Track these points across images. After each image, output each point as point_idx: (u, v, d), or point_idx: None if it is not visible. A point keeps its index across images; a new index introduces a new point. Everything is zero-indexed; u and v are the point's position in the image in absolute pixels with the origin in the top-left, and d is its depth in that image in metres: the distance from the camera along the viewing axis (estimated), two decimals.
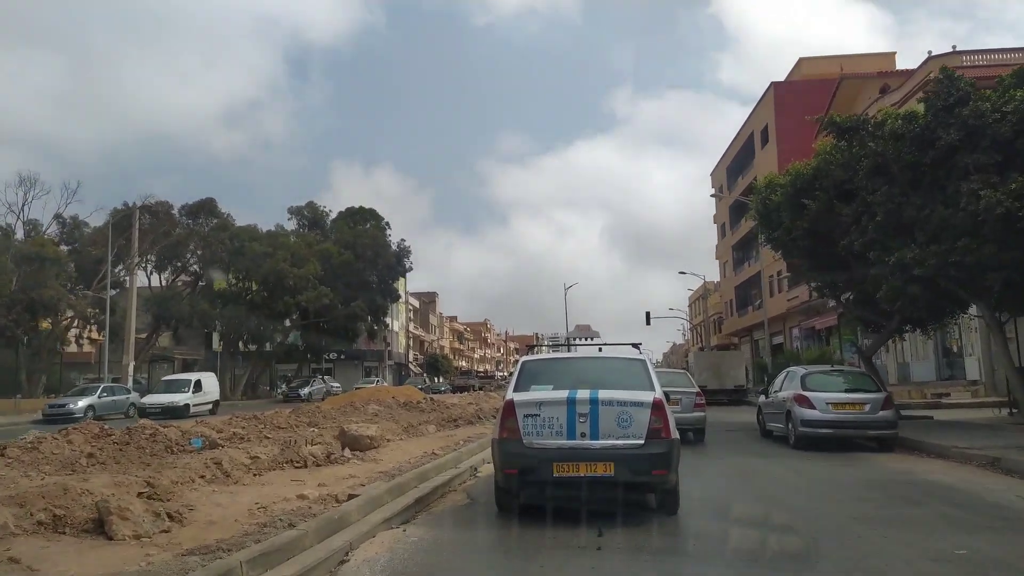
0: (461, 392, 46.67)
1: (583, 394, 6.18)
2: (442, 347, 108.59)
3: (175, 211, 47.01)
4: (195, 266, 46.00)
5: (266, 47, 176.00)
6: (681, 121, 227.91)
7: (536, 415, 6.17)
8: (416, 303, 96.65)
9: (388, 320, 54.90)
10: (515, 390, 6.65)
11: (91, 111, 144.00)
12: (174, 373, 40.22)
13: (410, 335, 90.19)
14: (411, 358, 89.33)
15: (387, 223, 56.28)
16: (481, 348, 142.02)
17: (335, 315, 49.81)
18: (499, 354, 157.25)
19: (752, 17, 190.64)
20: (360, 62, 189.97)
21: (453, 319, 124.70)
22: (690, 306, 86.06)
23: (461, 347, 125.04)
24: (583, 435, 6.07)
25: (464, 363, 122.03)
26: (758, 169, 55.19)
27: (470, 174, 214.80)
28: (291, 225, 54.41)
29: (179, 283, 47.15)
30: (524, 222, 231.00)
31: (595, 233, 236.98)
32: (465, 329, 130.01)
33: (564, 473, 5.95)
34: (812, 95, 46.68)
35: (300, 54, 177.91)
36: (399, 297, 55.72)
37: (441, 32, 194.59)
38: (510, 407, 6.30)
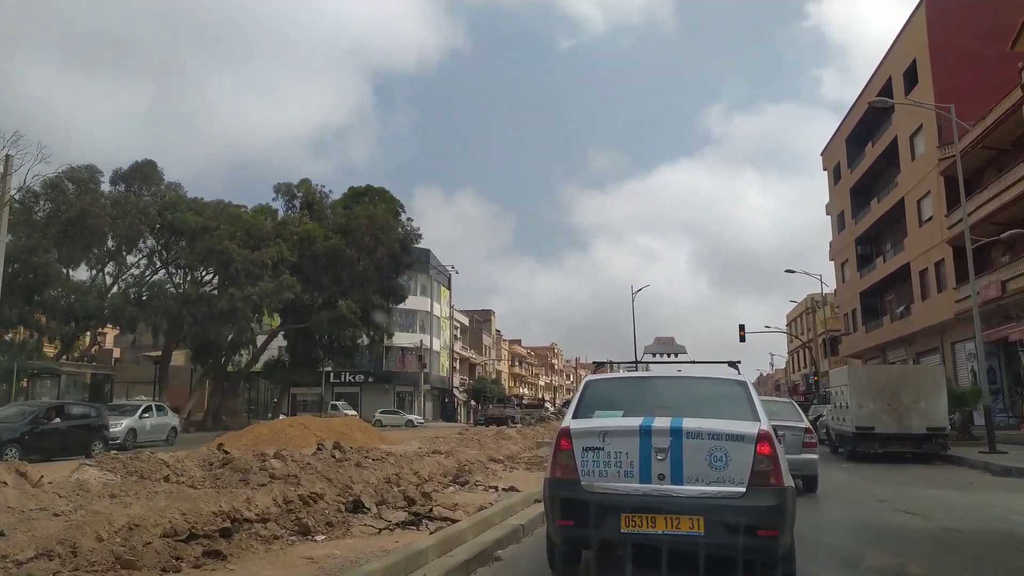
0: (496, 425, 37.70)
1: (662, 422, 4.74)
2: (498, 371, 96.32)
3: (104, 179, 33.94)
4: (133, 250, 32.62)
5: (355, 74, 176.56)
6: (779, 138, 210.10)
7: (599, 448, 4.76)
8: (465, 320, 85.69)
9: (387, 325, 40.87)
10: (574, 416, 5.24)
11: (179, 135, 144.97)
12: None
13: (455, 356, 77.68)
14: (456, 382, 76.30)
15: (401, 206, 42.73)
16: (547, 374, 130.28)
17: (315, 318, 36.15)
18: (568, 381, 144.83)
19: (856, 29, 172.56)
20: (444, 88, 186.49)
21: (515, 342, 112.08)
22: (788, 325, 68.66)
23: (522, 372, 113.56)
24: (661, 477, 4.64)
25: (526, 390, 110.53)
26: (899, 125, 38.55)
27: (552, 199, 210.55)
28: (278, 208, 40.94)
29: (105, 272, 33.71)
30: (606, 248, 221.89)
31: (681, 258, 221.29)
32: (528, 353, 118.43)
33: (635, 528, 4.54)
34: (979, 11, 32.77)
35: (386, 80, 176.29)
36: (404, 296, 43.00)
37: (526, 56, 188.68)
38: (565, 437, 4.90)
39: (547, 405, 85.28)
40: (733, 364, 6.26)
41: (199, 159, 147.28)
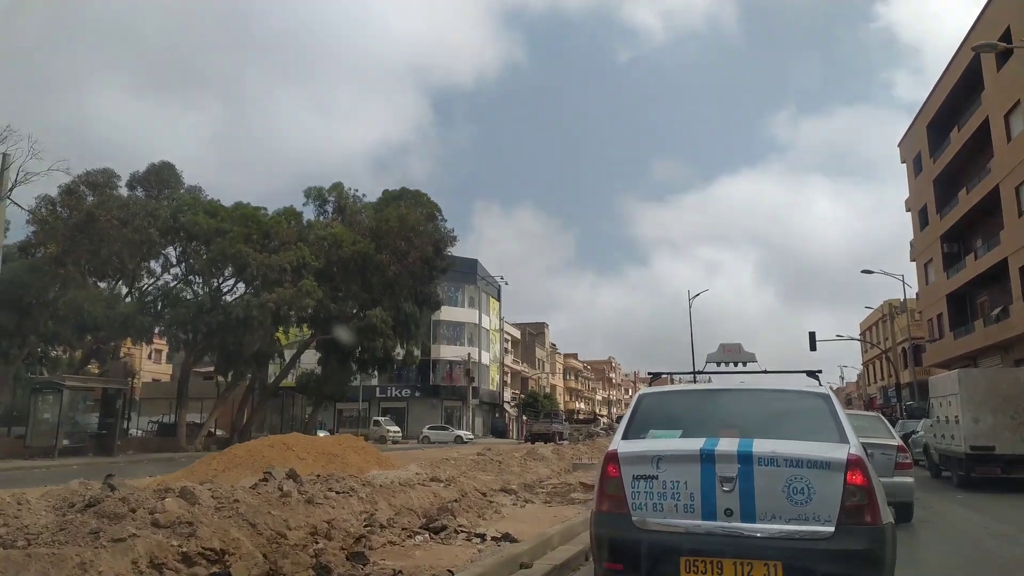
0: (544, 442, 36.46)
1: (728, 445, 4.31)
2: (552, 386, 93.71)
3: (122, 183, 32.16)
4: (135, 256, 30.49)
5: (414, 91, 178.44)
6: (849, 143, 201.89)
7: (652, 477, 4.38)
8: (517, 333, 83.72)
9: (419, 336, 38.51)
10: (625, 436, 4.89)
11: (246, 154, 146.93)
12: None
13: (505, 370, 75.48)
14: (507, 396, 74.37)
15: (438, 209, 40.22)
16: (604, 389, 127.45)
17: (342, 329, 33.75)
18: (625, 396, 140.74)
19: (928, 27, 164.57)
20: (502, 103, 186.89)
21: (571, 355, 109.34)
22: (863, 334, 63.38)
23: (578, 387, 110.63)
24: (729, 513, 4.19)
25: (582, 405, 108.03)
26: (991, 103, 33.90)
27: (612, 213, 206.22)
28: (309, 214, 38.87)
29: (113, 278, 31.73)
30: (668, 261, 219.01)
31: (746, 270, 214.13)
32: (584, 367, 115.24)
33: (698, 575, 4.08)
34: None
35: (445, 97, 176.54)
36: (438, 304, 40.70)
37: (584, 69, 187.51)
38: (612, 463, 4.54)
39: (601, 420, 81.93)
40: (813, 373, 5.81)
41: (266, 177, 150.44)
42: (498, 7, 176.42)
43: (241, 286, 33.47)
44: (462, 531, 9.19)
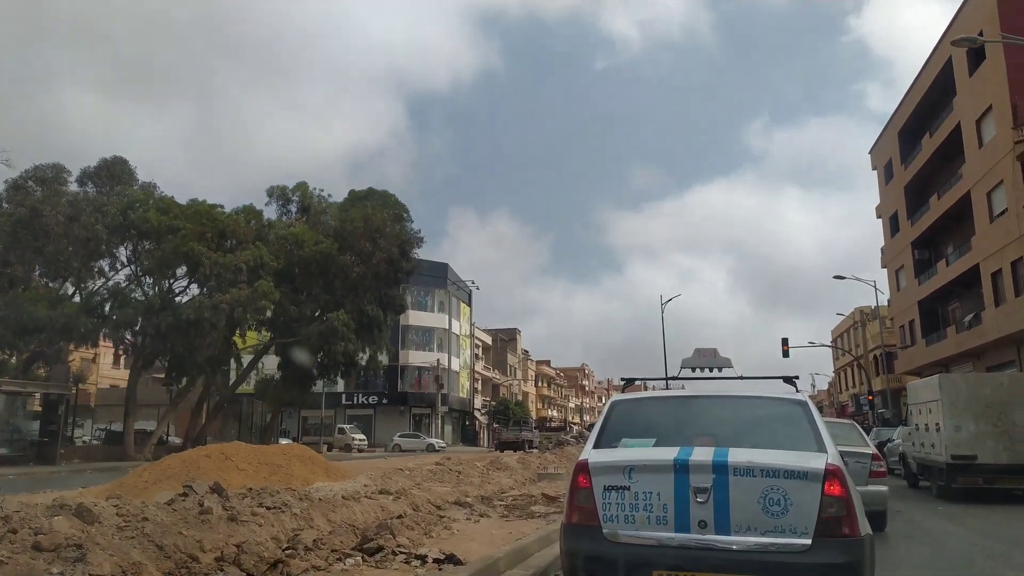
0: (513, 450, 36.93)
1: (702, 454, 4.31)
2: (524, 393, 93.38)
3: (72, 179, 30.70)
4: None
5: (390, 95, 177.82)
6: (822, 153, 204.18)
7: (624, 488, 4.35)
8: (488, 339, 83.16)
9: (384, 340, 37.65)
10: (596, 445, 4.85)
11: (219, 156, 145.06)
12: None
13: (476, 377, 74.87)
14: (478, 404, 73.48)
15: (405, 210, 39.55)
16: (577, 396, 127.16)
17: (304, 331, 32.56)
18: (599, 404, 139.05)
19: (900, 40, 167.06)
20: (478, 109, 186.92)
21: (544, 363, 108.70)
22: (835, 341, 63.39)
23: (551, 395, 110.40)
24: (703, 525, 4.15)
25: (555, 413, 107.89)
26: (963, 109, 33.77)
27: (588, 220, 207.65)
28: (271, 214, 37.68)
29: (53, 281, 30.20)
30: (643, 269, 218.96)
31: (720, 277, 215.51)
32: (557, 374, 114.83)
33: None
34: None
35: (421, 102, 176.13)
36: (403, 308, 39.63)
37: (561, 76, 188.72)
38: (583, 473, 4.48)
39: (573, 428, 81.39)
40: (790, 380, 5.75)
41: (238, 180, 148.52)
42: (475, 13, 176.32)
43: (195, 287, 32.31)
44: (401, 552, 8.17)
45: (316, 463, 15.59)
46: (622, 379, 6.54)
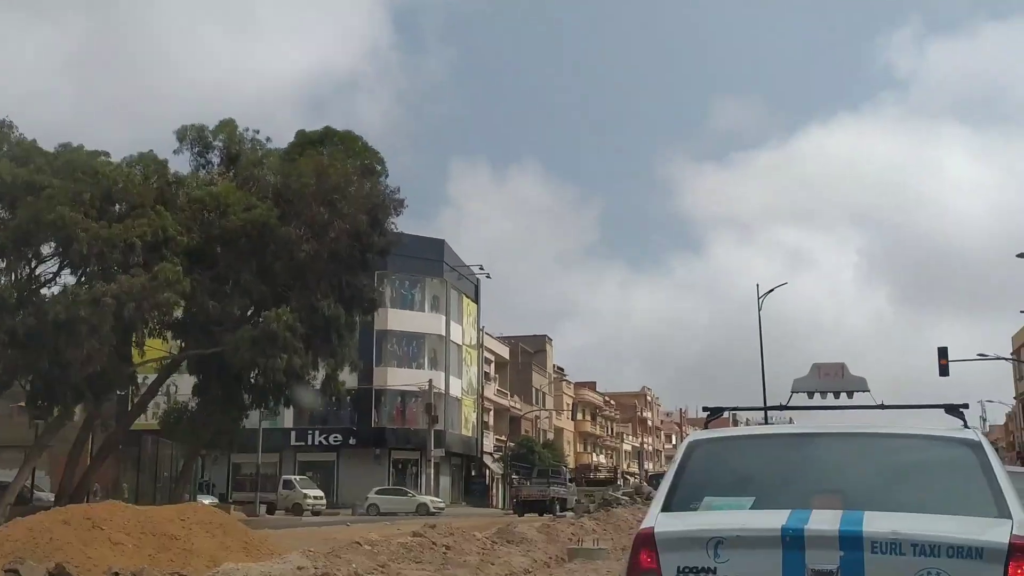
0: (536, 513, 41.07)
1: (825, 520, 4.44)
2: (557, 429, 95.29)
3: None
4: None
5: (367, 5, 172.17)
6: (1002, 75, 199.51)
7: (710, 571, 4.45)
8: (504, 351, 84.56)
9: (347, 350, 38.75)
10: (666, 506, 5.05)
11: (119, 85, 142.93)
12: None
13: (486, 405, 76.77)
14: (489, 445, 75.57)
15: (379, 160, 39.70)
16: (635, 434, 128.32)
17: (230, 338, 33.30)
18: (668, 445, 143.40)
19: None
20: (494, 20, 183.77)
21: (587, 385, 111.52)
22: (1016, 353, 62.62)
23: (597, 432, 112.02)
24: None
25: (601, 457, 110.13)
26: None
27: (652, 178, 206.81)
28: (182, 165, 38.09)
29: None
30: (731, 248, 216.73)
31: (845, 261, 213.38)
32: (606, 402, 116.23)
33: None
34: None
35: (414, 8, 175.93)
36: (374, 303, 40.71)
37: None
38: (647, 548, 4.65)
39: (630, 480, 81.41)
40: (955, 409, 6.01)
41: (147, 126, 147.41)
42: None
43: (68, 274, 32.61)
44: None
45: (230, 533, 15.71)
46: (705, 409, 6.74)
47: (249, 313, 35.76)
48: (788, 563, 4.34)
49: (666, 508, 5.00)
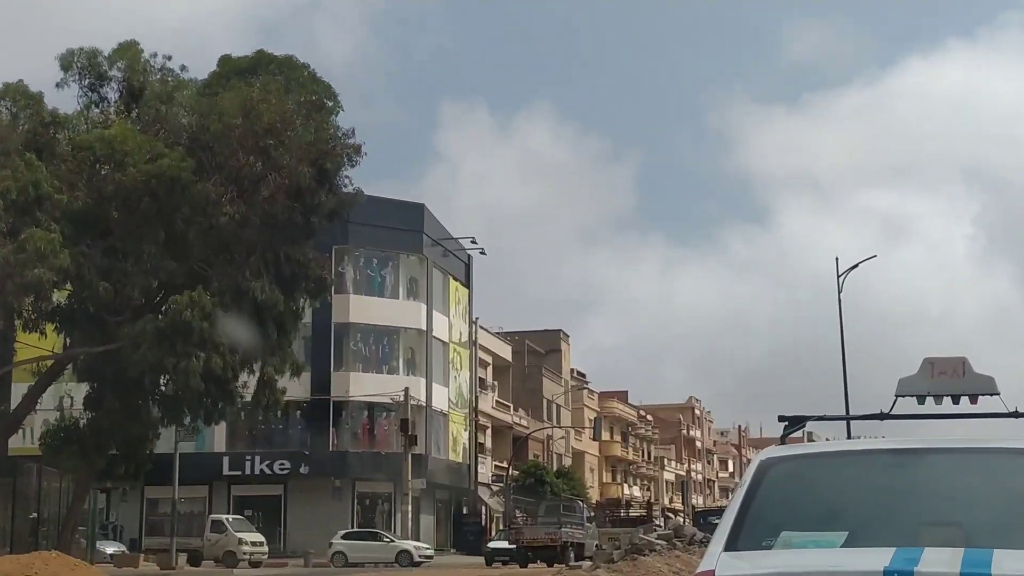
0: (545, 563, 44.01)
1: (940, 561, 4.42)
2: (576, 453, 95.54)
3: None
4: None
5: None
6: None
7: None
8: (504, 351, 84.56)
9: (286, 347, 39.64)
10: (730, 543, 5.00)
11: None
12: None
13: (482, 421, 76.87)
14: (486, 474, 76.42)
15: (330, 93, 39.80)
16: (680, 457, 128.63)
17: (127, 330, 34.00)
18: (722, 472, 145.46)
19: None
20: None
21: (615, 396, 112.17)
22: None
23: (629, 456, 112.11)
24: None
25: (635, 489, 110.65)
26: None
27: (702, 128, 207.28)
28: (66, 102, 38.56)
29: None
30: (804, 216, 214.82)
31: (955, 232, 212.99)
32: (640, 417, 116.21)
33: None
34: None
35: None
36: (324, 284, 40.33)
37: None
38: None
39: (671, 518, 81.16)
40: None
41: (22, 46, 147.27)
42: None
43: None
44: None
45: None
46: (781, 419, 6.80)
47: (158, 299, 36.26)
48: None
49: (731, 547, 4.93)
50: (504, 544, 53.95)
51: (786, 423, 6.73)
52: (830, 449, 6.28)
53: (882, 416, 7.46)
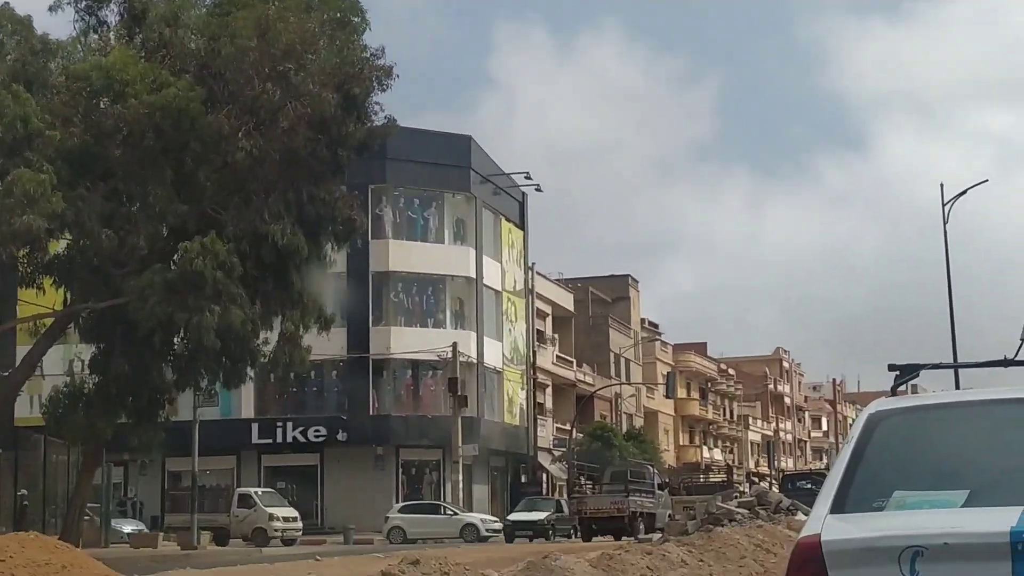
0: (612, 536, 44.34)
1: None
2: (648, 412, 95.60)
3: None
4: None
5: None
6: None
7: None
8: (566, 300, 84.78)
9: (313, 297, 39.44)
10: (836, 504, 5.07)
11: None
12: None
13: (541, 379, 76.52)
14: (548, 439, 76.07)
15: (361, 12, 39.09)
16: (766, 418, 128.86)
17: (134, 283, 34.03)
18: (815, 431, 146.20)
19: None
20: None
21: (693, 348, 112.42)
22: None
23: (709, 415, 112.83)
24: None
25: (715, 452, 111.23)
26: None
27: (791, 43, 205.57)
28: (60, 28, 38.82)
29: None
30: (910, 141, 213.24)
31: None
32: (721, 371, 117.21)
33: None
34: None
35: None
36: (354, 226, 39.60)
37: None
38: (811, 563, 4.74)
39: (754, 483, 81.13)
40: None
41: None
42: None
43: None
44: None
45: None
46: (891, 368, 6.82)
47: (165, 245, 36.19)
48: None
49: (837, 508, 4.96)
50: (527, 516, 53.81)
51: (897, 372, 6.72)
52: (947, 400, 6.22)
53: (1007, 362, 7.41)
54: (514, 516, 54.43)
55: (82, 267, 35.08)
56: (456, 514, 53.43)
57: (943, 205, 48.03)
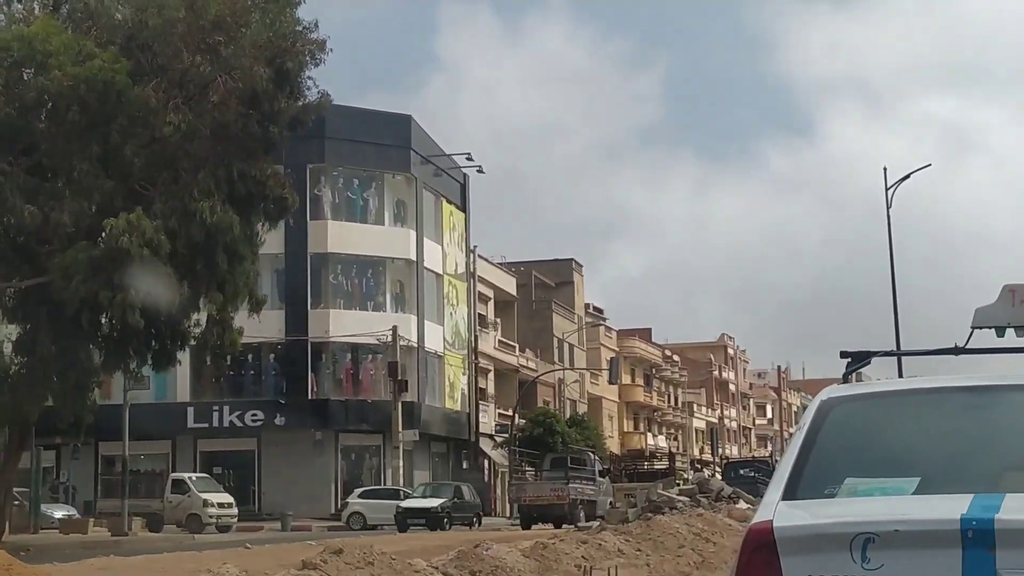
0: (552, 523, 44.42)
1: (1018, 507, 4.52)
2: (592, 399, 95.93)
3: None
4: None
5: None
6: None
7: None
8: (508, 283, 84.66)
9: (243, 277, 38.58)
10: (788, 491, 5.13)
11: None
12: None
13: (483, 364, 77.06)
14: (489, 423, 76.93)
15: None
16: (710, 405, 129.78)
17: (59, 260, 33.97)
18: (761, 420, 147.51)
19: None
20: None
21: (636, 333, 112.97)
22: None
23: (654, 401, 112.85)
24: None
25: (659, 439, 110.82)
26: None
27: (739, 26, 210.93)
28: None
29: None
30: (857, 126, 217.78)
31: None
32: (666, 357, 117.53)
33: None
34: None
35: None
36: (286, 204, 39.32)
37: None
38: (763, 550, 4.70)
39: (700, 471, 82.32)
40: None
41: None
42: None
43: None
44: None
45: None
46: (843, 355, 7.13)
47: (90, 225, 35.43)
48: (971, 567, 4.36)
49: (789, 495, 5.00)
50: (420, 503, 52.86)
51: (849, 359, 7.00)
52: (899, 388, 6.42)
53: (958, 350, 7.57)
54: (407, 503, 53.18)
55: (5, 244, 34.98)
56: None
57: (886, 190, 48.36)
